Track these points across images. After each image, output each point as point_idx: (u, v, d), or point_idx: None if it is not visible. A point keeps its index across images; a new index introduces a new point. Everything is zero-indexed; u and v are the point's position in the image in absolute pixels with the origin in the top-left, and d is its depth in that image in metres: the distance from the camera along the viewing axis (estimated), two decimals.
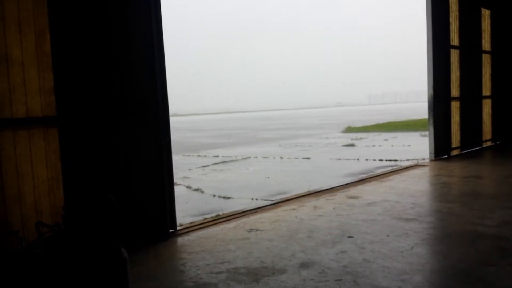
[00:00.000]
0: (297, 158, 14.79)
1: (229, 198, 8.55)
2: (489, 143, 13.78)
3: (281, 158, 15.01)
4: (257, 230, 5.58)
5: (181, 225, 6.02)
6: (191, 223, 6.21)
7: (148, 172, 5.26)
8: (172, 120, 6.71)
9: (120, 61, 4.97)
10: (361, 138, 21.69)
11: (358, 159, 13.48)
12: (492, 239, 4.83)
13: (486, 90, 13.71)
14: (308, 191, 8.07)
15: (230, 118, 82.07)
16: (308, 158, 14.49)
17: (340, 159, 13.93)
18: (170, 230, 5.59)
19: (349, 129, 29.34)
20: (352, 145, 18.54)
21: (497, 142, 14.13)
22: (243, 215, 6.40)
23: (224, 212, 6.87)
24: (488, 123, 13.79)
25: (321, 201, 7.12)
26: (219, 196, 8.75)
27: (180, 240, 5.37)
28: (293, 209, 6.67)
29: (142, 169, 5.19)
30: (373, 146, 17.65)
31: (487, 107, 13.75)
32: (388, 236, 5.09)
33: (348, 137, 22.82)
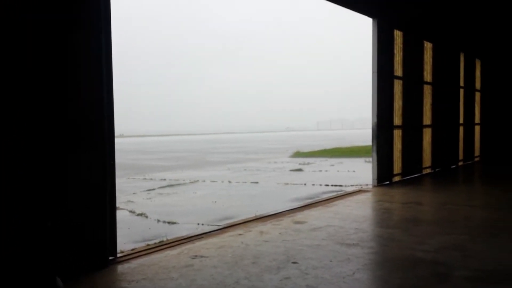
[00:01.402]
0: (245, 182, 14.78)
1: (174, 223, 8.36)
2: (428, 170, 14.41)
3: (230, 182, 14.94)
4: (201, 256, 5.47)
5: (122, 251, 5.78)
6: (132, 249, 5.99)
7: (89, 196, 5.04)
8: (119, 141, 6.51)
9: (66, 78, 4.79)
10: (308, 163, 22.07)
11: (305, 184, 13.67)
12: (430, 265, 4.99)
13: (427, 119, 14.42)
14: (255, 216, 8.04)
15: (178, 140, 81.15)
16: (257, 183, 14.52)
17: (287, 183, 14.07)
18: (110, 257, 5.35)
19: (297, 154, 29.83)
20: (300, 170, 18.81)
21: (436, 169, 14.82)
22: (188, 241, 6.25)
23: (168, 238, 6.69)
24: (428, 151, 14.46)
25: (267, 226, 7.11)
26: (164, 221, 8.53)
27: (120, 267, 5.15)
28: (240, 234, 6.61)
29: (82, 193, 4.97)
30: (320, 171, 17.99)
31: (427, 135, 14.43)
32: (331, 261, 5.14)
33: (296, 162, 23.16)
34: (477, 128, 19.12)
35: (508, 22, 18.22)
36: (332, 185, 13.04)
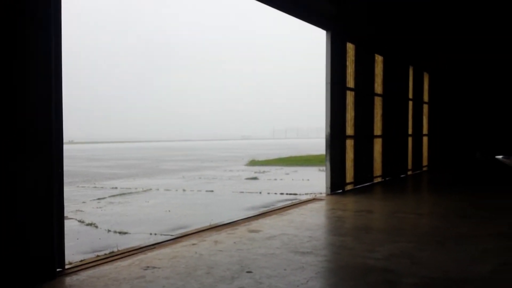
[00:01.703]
0: (200, 190, 14.64)
1: (125, 233, 8.13)
2: (379, 179, 14.84)
3: (184, 190, 14.75)
4: (153, 267, 5.33)
5: (70, 263, 5.55)
6: (81, 261, 5.76)
7: (35, 206, 4.81)
8: (68, 148, 6.26)
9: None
10: (264, 172, 22.18)
11: (260, 193, 13.71)
12: (380, 272, 5.11)
13: (378, 129, 14.87)
14: (210, 225, 7.97)
15: (130, 147, 79.45)
16: (212, 191, 14.41)
17: (243, 192, 14.06)
18: (58, 269, 5.12)
19: (253, 162, 29.93)
20: (255, 178, 18.87)
21: (387, 178, 15.28)
22: (140, 252, 6.09)
23: (119, 248, 6.49)
24: (378, 160, 14.89)
25: (222, 235, 7.05)
26: (115, 231, 8.28)
27: (69, 280, 4.94)
28: (193, 244, 6.51)
29: (27, 204, 4.73)
30: (275, 179, 18.12)
31: (378, 145, 14.88)
32: (285, 270, 5.16)
33: (252, 170, 23.21)
34: (425, 139, 19.91)
35: (453, 38, 19.19)
36: (287, 194, 13.16)
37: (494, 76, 23.99)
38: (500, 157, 5.89)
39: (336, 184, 11.99)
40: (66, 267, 5.33)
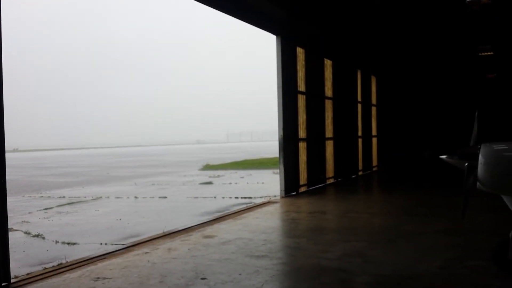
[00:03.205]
0: (153, 197, 14.35)
1: (74, 244, 7.82)
2: (331, 180, 15.14)
3: (136, 197, 14.41)
4: (104, 278, 5.15)
5: (16, 277, 5.27)
6: (28, 274, 5.48)
7: None
8: (12, 156, 5.95)
9: None
10: (218, 176, 22.08)
11: (215, 197, 13.63)
12: (334, 272, 5.19)
13: (329, 132, 15.17)
14: (163, 232, 7.81)
15: (80, 154, 76.85)
16: (165, 197, 14.17)
17: (197, 197, 13.92)
18: (3, 284, 4.86)
19: (207, 167, 29.73)
20: (210, 183, 18.75)
21: (339, 179, 15.61)
22: (90, 263, 5.87)
23: (68, 260, 6.23)
24: (330, 162, 15.19)
25: (176, 242, 6.93)
26: (63, 242, 7.95)
27: None
28: (146, 252, 6.35)
29: None
30: (230, 183, 18.08)
31: (329, 147, 15.18)
32: (240, 274, 5.14)
33: (206, 175, 23.05)
34: (374, 140, 20.54)
35: (399, 42, 19.95)
36: (242, 198, 13.15)
37: (440, 76, 25.11)
38: (444, 156, 6.17)
39: (290, 186, 12.11)
40: (12, 281, 5.07)
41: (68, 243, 7.86)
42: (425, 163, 22.84)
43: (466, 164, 5.03)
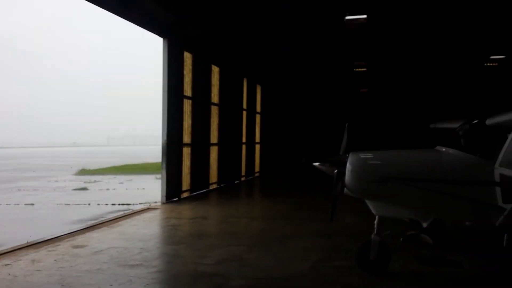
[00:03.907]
0: (18, 204, 13.03)
1: None
2: (215, 186, 15.19)
3: None
4: None
5: None
6: None
7: None
8: None
9: None
10: (95, 181, 20.87)
11: (89, 204, 12.83)
12: (210, 277, 5.16)
13: (214, 138, 15.21)
14: (27, 242, 7.08)
15: None
16: (32, 204, 12.96)
17: (69, 204, 12.98)
18: None
19: (83, 172, 27.95)
20: (85, 188, 17.63)
21: (222, 185, 15.72)
22: None
23: None
24: (214, 168, 15.24)
25: (41, 253, 6.33)
26: None
27: None
28: (6, 265, 5.71)
29: None
30: (108, 189, 17.20)
31: (214, 153, 15.23)
32: (111, 285, 4.86)
33: (81, 180, 21.63)
34: (258, 147, 21.15)
35: (283, 55, 20.91)
36: (119, 204, 12.57)
37: (319, 89, 26.73)
38: (316, 164, 6.57)
39: (172, 192, 11.87)
40: None
41: None
42: (303, 170, 24.13)
43: (336, 171, 5.39)
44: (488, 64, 22.85)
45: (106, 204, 12.66)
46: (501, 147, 4.95)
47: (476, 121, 5.64)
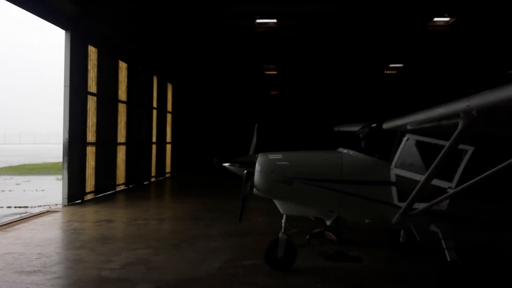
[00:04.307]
0: None
1: None
2: (122, 187, 14.64)
3: None
4: None
5: None
6: None
7: None
8: None
9: None
10: None
11: None
12: (115, 283, 4.98)
13: (121, 137, 14.65)
14: None
15: None
16: None
17: None
18: None
19: None
20: None
21: (130, 186, 15.20)
22: None
23: None
24: (122, 168, 14.68)
25: None
26: None
27: None
28: None
29: None
30: (3, 191, 15.81)
31: (121, 152, 14.66)
32: None
33: None
34: (169, 146, 20.77)
35: (194, 54, 20.74)
36: (15, 207, 11.65)
37: (231, 90, 26.88)
38: (226, 164, 6.55)
39: (75, 194, 11.24)
40: None
41: None
42: (214, 170, 24.14)
43: (245, 171, 5.48)
44: (388, 72, 24.65)
45: (1, 207, 11.62)
46: (396, 150, 5.36)
47: (374, 124, 6.04)
